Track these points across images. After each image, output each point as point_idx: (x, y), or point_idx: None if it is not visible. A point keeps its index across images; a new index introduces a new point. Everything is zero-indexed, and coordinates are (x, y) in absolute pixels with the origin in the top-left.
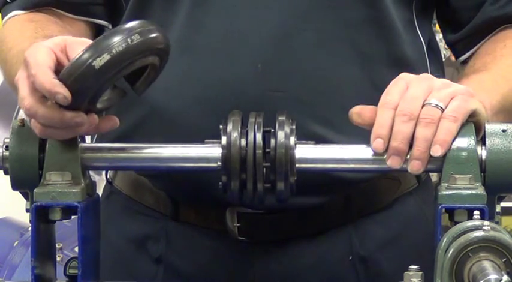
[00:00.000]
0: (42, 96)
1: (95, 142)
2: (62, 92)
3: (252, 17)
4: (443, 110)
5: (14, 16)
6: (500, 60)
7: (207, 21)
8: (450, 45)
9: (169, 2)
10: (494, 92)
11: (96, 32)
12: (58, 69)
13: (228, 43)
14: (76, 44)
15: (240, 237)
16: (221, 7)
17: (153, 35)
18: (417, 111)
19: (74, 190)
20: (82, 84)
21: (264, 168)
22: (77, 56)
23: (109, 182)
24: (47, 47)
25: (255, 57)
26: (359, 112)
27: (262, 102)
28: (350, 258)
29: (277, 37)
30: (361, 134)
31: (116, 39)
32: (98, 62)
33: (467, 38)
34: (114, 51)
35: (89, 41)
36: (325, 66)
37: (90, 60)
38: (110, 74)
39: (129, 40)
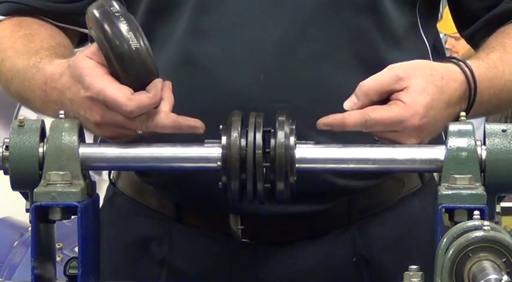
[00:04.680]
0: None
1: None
2: (157, 93)
3: (254, 27)
4: None
5: None
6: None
7: (208, 31)
8: (467, 38)
9: (170, 12)
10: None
11: (81, 37)
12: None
13: (230, 53)
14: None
15: (244, 240)
16: (223, 17)
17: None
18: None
19: (74, 190)
20: (140, 69)
21: (264, 168)
22: (113, 54)
23: (112, 183)
24: (109, 79)
25: (257, 67)
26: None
27: (265, 113)
28: (354, 259)
29: (280, 47)
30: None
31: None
32: (133, 43)
33: (485, 27)
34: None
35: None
36: (328, 76)
37: (127, 48)
38: (142, 41)
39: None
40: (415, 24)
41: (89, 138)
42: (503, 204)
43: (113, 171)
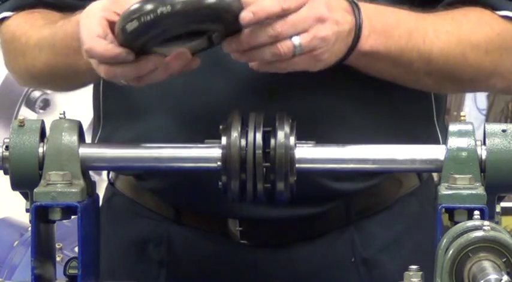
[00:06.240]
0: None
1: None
2: (120, 51)
3: None
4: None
5: (5, 17)
6: (442, 19)
7: None
8: None
9: None
10: (395, 38)
11: None
12: (112, 28)
13: (226, 61)
14: (124, 1)
15: (242, 241)
16: None
17: (188, 6)
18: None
19: (74, 190)
20: (125, 43)
21: (264, 168)
22: (120, 17)
23: (111, 184)
24: (95, 15)
25: (253, 75)
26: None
27: (265, 113)
28: (353, 260)
29: None
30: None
31: (148, 6)
32: (130, 26)
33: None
34: (142, 19)
35: None
36: (323, 80)
37: (123, 24)
38: (142, 39)
39: (159, 10)
40: None
41: (88, 138)
42: (503, 204)
43: (111, 172)
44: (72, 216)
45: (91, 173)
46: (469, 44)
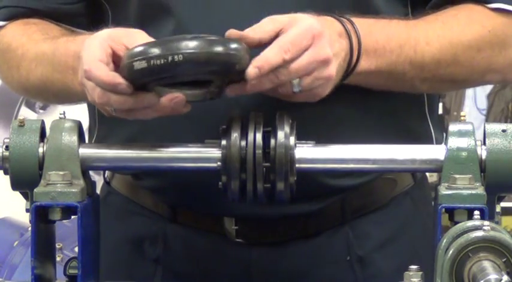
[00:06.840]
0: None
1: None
2: (121, 82)
3: None
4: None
5: None
6: (432, 24)
7: None
8: None
9: (157, 21)
10: (387, 52)
11: None
12: (115, 60)
13: None
14: (134, 35)
15: (238, 239)
16: (208, 26)
17: (200, 58)
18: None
19: (73, 190)
20: (128, 78)
21: (264, 168)
22: (128, 51)
23: (107, 182)
24: (101, 40)
25: None
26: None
27: (264, 113)
28: (348, 258)
29: None
30: None
31: (159, 51)
32: (137, 65)
33: (434, 8)
34: (152, 62)
35: (142, 34)
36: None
37: (131, 60)
38: (146, 79)
39: (170, 58)
40: (406, 16)
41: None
42: (503, 204)
43: (107, 171)
44: (72, 216)
45: (91, 173)
46: (460, 45)
